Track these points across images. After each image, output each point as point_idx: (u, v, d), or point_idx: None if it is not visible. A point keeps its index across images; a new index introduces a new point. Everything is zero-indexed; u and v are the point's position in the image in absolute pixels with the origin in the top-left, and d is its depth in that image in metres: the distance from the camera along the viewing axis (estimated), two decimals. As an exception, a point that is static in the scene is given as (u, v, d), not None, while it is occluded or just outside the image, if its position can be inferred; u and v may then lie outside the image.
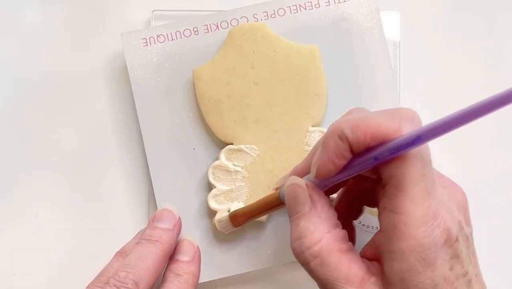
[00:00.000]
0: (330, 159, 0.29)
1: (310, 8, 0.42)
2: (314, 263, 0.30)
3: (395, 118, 0.28)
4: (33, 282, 0.43)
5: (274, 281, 0.42)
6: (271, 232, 0.41)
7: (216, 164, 0.40)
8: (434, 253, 0.28)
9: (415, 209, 0.28)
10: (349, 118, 0.29)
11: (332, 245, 0.30)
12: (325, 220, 0.31)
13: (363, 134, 0.28)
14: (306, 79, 0.41)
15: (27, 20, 0.45)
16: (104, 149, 0.44)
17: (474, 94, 0.44)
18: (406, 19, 0.44)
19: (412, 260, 0.28)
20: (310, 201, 0.31)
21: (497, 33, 0.45)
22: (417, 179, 0.28)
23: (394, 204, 0.28)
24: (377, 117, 0.28)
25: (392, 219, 0.28)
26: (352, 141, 0.28)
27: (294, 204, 0.31)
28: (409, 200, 0.28)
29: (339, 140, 0.29)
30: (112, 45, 0.44)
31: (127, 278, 0.35)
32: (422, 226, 0.28)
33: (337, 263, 0.30)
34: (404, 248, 0.28)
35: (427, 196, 0.28)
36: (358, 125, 0.28)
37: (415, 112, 0.29)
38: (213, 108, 0.41)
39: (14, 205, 0.43)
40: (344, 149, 0.29)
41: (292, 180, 0.32)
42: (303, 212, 0.31)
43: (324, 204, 0.31)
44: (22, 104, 0.44)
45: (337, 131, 0.29)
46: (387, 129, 0.27)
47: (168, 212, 0.40)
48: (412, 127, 0.28)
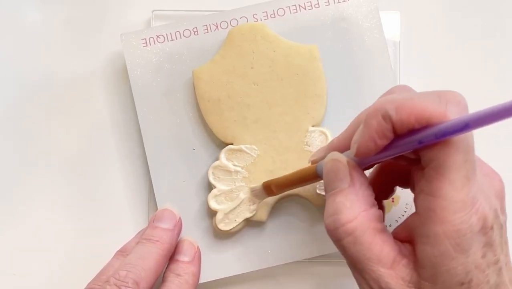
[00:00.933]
0: (371, 138, 0.28)
1: (309, 8, 0.42)
2: (347, 240, 0.30)
3: (441, 101, 0.27)
4: (33, 282, 0.43)
5: (274, 281, 0.42)
6: (271, 232, 0.41)
7: (216, 164, 0.40)
8: (470, 240, 0.27)
9: (454, 194, 0.27)
10: (394, 98, 0.28)
11: (367, 223, 0.30)
12: (362, 198, 0.30)
13: (407, 115, 0.27)
14: (306, 79, 0.41)
15: (27, 20, 0.45)
16: (104, 149, 0.44)
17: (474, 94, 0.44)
18: (406, 19, 0.44)
19: (447, 245, 0.27)
20: (350, 178, 0.30)
21: (497, 33, 0.45)
22: (459, 164, 0.27)
23: (433, 187, 0.28)
24: (422, 99, 0.28)
25: (429, 202, 0.28)
26: (395, 122, 0.27)
27: (333, 179, 0.31)
28: (449, 184, 0.27)
29: (382, 120, 0.28)
30: (112, 46, 0.44)
31: (127, 277, 0.35)
32: (460, 212, 0.27)
33: (370, 242, 0.29)
34: (439, 232, 0.27)
35: (467, 182, 0.27)
36: (403, 106, 0.27)
37: (461, 96, 0.28)
38: (213, 108, 0.41)
39: (14, 205, 0.43)
40: (387, 129, 0.28)
41: (333, 155, 0.32)
42: (341, 188, 0.30)
43: (363, 182, 0.31)
44: (22, 104, 0.44)
45: (381, 111, 0.28)
46: (433, 112, 0.27)
47: (168, 212, 0.40)
48: (458, 111, 0.27)
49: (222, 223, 0.40)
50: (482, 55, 0.45)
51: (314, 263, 0.42)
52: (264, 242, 0.41)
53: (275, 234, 0.41)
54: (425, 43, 0.45)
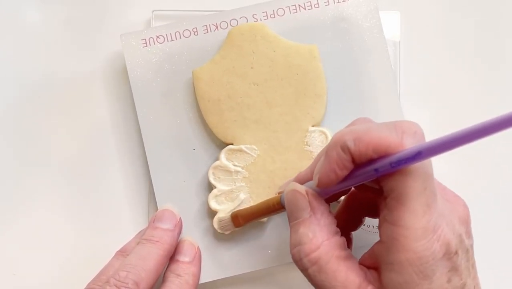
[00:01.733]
0: (331, 169, 0.29)
1: (309, 8, 0.42)
2: (312, 269, 0.30)
3: (397, 131, 0.28)
4: (33, 282, 0.43)
5: (274, 281, 0.42)
6: (271, 232, 0.41)
7: (216, 164, 0.40)
8: (433, 266, 0.28)
9: (415, 222, 0.28)
10: (352, 130, 0.29)
11: (330, 252, 0.30)
12: (324, 227, 0.31)
13: (365, 146, 0.28)
14: (306, 79, 0.41)
15: (27, 20, 0.45)
16: (104, 149, 0.44)
17: (474, 94, 0.45)
18: (406, 19, 0.44)
19: (410, 272, 0.28)
20: (310, 208, 0.31)
21: (497, 33, 0.45)
22: (418, 192, 0.28)
23: (395, 216, 0.29)
24: (379, 130, 0.28)
25: (392, 231, 0.29)
26: (354, 153, 0.28)
27: (294, 210, 0.32)
28: (410, 213, 0.28)
29: (341, 151, 0.29)
30: (112, 46, 0.44)
31: (127, 278, 0.35)
32: (422, 239, 0.28)
33: (334, 270, 0.30)
34: (402, 260, 0.28)
35: (428, 210, 0.28)
36: (361, 137, 0.28)
37: (418, 125, 0.29)
38: (213, 108, 0.41)
39: (14, 204, 0.43)
40: (346, 159, 0.29)
41: (292, 186, 0.32)
42: (303, 218, 0.31)
43: (324, 211, 0.31)
44: (22, 104, 0.44)
45: (340, 142, 0.29)
46: (389, 142, 0.28)
47: (169, 212, 0.40)
48: (414, 141, 0.28)
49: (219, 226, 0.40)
50: (482, 55, 0.45)
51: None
52: (264, 242, 0.41)
53: (275, 234, 0.41)
54: (425, 43, 0.45)
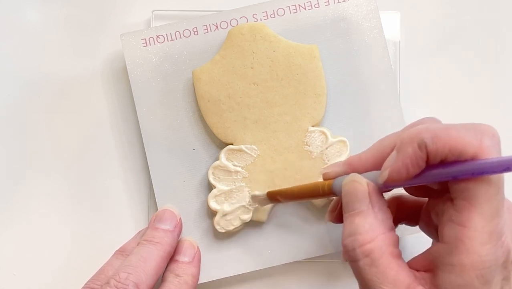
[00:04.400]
0: (404, 165, 0.29)
1: (309, 8, 0.42)
2: (363, 261, 0.30)
3: (476, 133, 0.28)
4: (33, 282, 0.43)
5: (274, 281, 0.42)
6: (271, 232, 0.41)
7: (216, 164, 0.40)
8: (493, 272, 0.28)
9: (484, 225, 0.28)
10: (430, 128, 0.29)
11: (384, 247, 0.30)
12: (381, 221, 0.30)
13: (443, 145, 0.27)
14: (306, 79, 0.41)
15: (27, 20, 0.45)
16: (104, 149, 0.44)
17: (474, 94, 0.45)
18: (406, 19, 0.44)
19: (472, 275, 0.28)
20: (369, 200, 0.31)
21: (497, 33, 0.45)
22: (491, 196, 0.28)
23: (464, 217, 0.28)
24: (458, 130, 0.28)
25: (457, 232, 0.28)
26: (430, 152, 0.28)
27: (352, 200, 0.31)
28: (480, 215, 0.28)
29: (418, 148, 0.28)
30: (112, 46, 0.44)
31: (127, 279, 0.35)
32: (488, 243, 0.28)
33: (386, 266, 0.29)
34: (466, 262, 0.28)
35: (497, 215, 0.28)
36: (440, 135, 0.28)
37: (494, 129, 0.28)
38: (213, 108, 0.41)
39: (14, 204, 0.43)
40: (421, 157, 0.28)
41: (353, 176, 0.32)
42: (360, 209, 0.31)
43: (382, 205, 0.31)
44: (21, 104, 0.44)
45: (417, 139, 0.28)
46: (468, 144, 0.27)
47: (169, 213, 0.40)
48: (492, 144, 0.27)
49: (219, 226, 0.40)
50: (482, 55, 0.45)
51: (314, 263, 0.42)
52: (264, 242, 0.41)
53: (275, 234, 0.41)
54: (425, 43, 0.45)
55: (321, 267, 0.42)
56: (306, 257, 0.41)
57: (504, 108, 0.44)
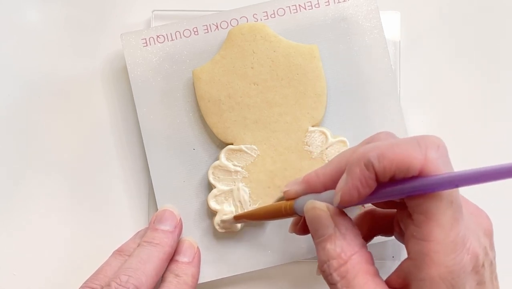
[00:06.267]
0: (354, 187, 0.29)
1: (310, 8, 0.42)
2: (340, 284, 0.30)
3: (421, 147, 0.28)
4: (33, 282, 0.43)
5: (274, 281, 0.42)
6: (271, 232, 0.41)
7: (216, 164, 0.40)
8: (463, 280, 0.28)
9: (444, 236, 0.28)
10: (375, 146, 0.29)
11: (358, 266, 0.30)
12: (350, 241, 0.30)
13: (389, 163, 0.28)
14: (306, 79, 0.41)
15: (27, 20, 0.45)
16: (104, 149, 0.44)
17: (474, 95, 0.45)
18: (406, 19, 0.44)
19: (442, 287, 0.28)
20: (334, 224, 0.31)
21: (497, 33, 0.45)
22: (445, 206, 0.28)
23: (423, 231, 0.28)
24: (403, 145, 0.28)
25: (421, 246, 0.28)
26: (378, 170, 0.28)
27: (317, 228, 0.31)
28: (438, 227, 0.28)
29: (365, 168, 0.28)
30: (112, 46, 0.44)
31: (128, 282, 0.35)
32: (452, 253, 0.28)
33: (362, 284, 0.29)
34: (434, 275, 0.28)
35: (456, 223, 0.28)
36: (385, 153, 0.28)
37: (440, 139, 0.29)
38: (213, 108, 0.41)
39: (14, 204, 0.43)
40: (369, 177, 0.28)
41: (312, 203, 0.32)
42: (328, 234, 0.31)
43: (348, 225, 0.31)
44: (21, 104, 0.44)
45: (363, 159, 0.28)
46: (413, 158, 0.27)
47: (169, 213, 0.40)
48: (437, 155, 0.28)
49: (219, 226, 0.40)
50: (482, 55, 0.45)
51: (314, 263, 0.42)
52: (264, 242, 0.41)
53: (275, 234, 0.41)
54: (425, 43, 0.45)
55: (321, 267, 0.42)
56: (305, 257, 0.41)
57: (504, 108, 0.44)
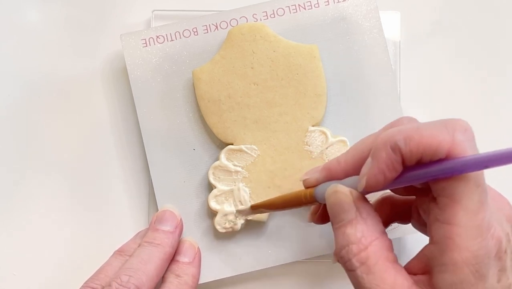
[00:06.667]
0: (380, 171, 0.28)
1: (309, 8, 0.42)
2: (360, 270, 0.29)
3: (448, 129, 0.27)
4: (33, 282, 0.43)
5: (273, 281, 0.42)
6: (271, 232, 0.41)
7: (216, 164, 0.40)
8: (488, 265, 0.28)
9: (470, 220, 0.27)
10: (401, 130, 0.28)
11: (379, 252, 0.29)
12: (371, 226, 0.30)
13: (416, 146, 0.27)
14: (306, 79, 0.41)
15: (27, 20, 0.45)
16: (104, 149, 0.44)
17: (474, 94, 0.45)
18: (406, 19, 0.44)
19: (466, 272, 0.27)
20: (355, 208, 0.30)
21: (497, 33, 0.45)
22: (471, 190, 0.27)
23: (448, 215, 0.28)
24: (430, 128, 0.28)
25: (445, 230, 0.28)
26: (405, 154, 0.27)
27: (338, 211, 0.31)
28: (463, 210, 0.27)
29: (392, 152, 0.28)
30: (112, 46, 0.44)
31: (129, 282, 0.35)
32: (477, 237, 0.27)
33: (383, 271, 0.29)
34: (458, 259, 0.27)
35: (481, 207, 0.27)
36: (412, 136, 0.27)
37: (467, 123, 0.28)
38: (213, 108, 0.41)
39: (14, 204, 0.43)
40: (396, 161, 0.28)
41: (335, 187, 0.31)
42: (349, 219, 0.30)
43: (369, 210, 0.30)
44: (21, 104, 0.44)
45: (390, 142, 0.28)
46: (441, 141, 0.27)
47: (170, 214, 0.40)
48: (465, 138, 0.27)
49: (219, 226, 0.40)
50: (482, 55, 0.45)
51: (314, 263, 0.42)
52: (264, 242, 0.41)
53: (275, 234, 0.41)
54: (425, 43, 0.45)
55: (321, 267, 0.42)
56: (305, 257, 0.41)
57: (505, 108, 0.44)
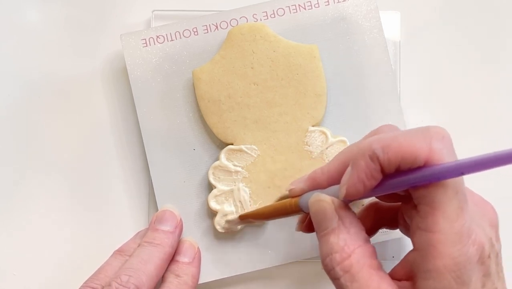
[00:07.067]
0: (360, 180, 0.29)
1: (309, 8, 0.42)
2: (344, 278, 0.30)
3: (425, 137, 0.28)
4: (33, 282, 0.43)
5: (274, 281, 0.42)
6: (271, 232, 0.41)
7: (216, 164, 0.40)
8: (470, 271, 0.28)
9: (450, 226, 0.27)
10: (380, 138, 0.29)
11: (362, 260, 0.30)
12: (354, 234, 0.30)
13: (394, 154, 0.27)
14: (306, 79, 0.41)
15: (27, 20, 0.45)
16: (104, 149, 0.44)
17: (474, 95, 0.45)
18: (406, 19, 0.44)
19: (448, 278, 0.28)
20: (338, 217, 0.30)
21: (497, 33, 0.45)
22: (450, 196, 0.28)
23: (428, 222, 0.28)
24: (407, 136, 0.28)
25: (426, 237, 0.28)
26: (383, 162, 0.28)
27: (321, 220, 0.31)
28: (443, 218, 0.28)
29: (370, 160, 0.28)
30: (112, 46, 0.44)
31: (129, 282, 0.35)
32: (458, 244, 0.27)
33: (367, 279, 0.29)
34: (440, 266, 0.28)
35: (461, 213, 0.28)
36: (389, 145, 0.28)
37: (445, 130, 0.28)
38: (213, 108, 0.41)
39: (14, 204, 0.43)
40: (374, 169, 0.28)
41: (317, 196, 0.31)
42: (332, 227, 0.30)
43: (352, 218, 0.31)
44: (21, 104, 0.44)
45: (368, 151, 0.28)
46: (418, 149, 0.27)
47: (169, 214, 0.40)
48: (442, 146, 0.27)
49: (219, 226, 0.40)
50: (482, 55, 0.45)
51: (314, 263, 0.42)
52: (264, 242, 0.41)
53: (275, 234, 0.41)
54: (425, 43, 0.45)
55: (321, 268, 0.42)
56: (306, 257, 0.41)
57: (505, 108, 0.44)
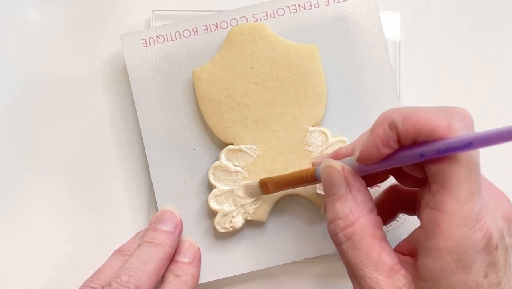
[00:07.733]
0: (375, 145, 0.29)
1: (309, 8, 0.42)
2: (346, 245, 0.30)
3: (446, 115, 0.28)
4: (33, 282, 0.43)
5: (274, 281, 0.42)
6: (271, 232, 0.41)
7: (216, 164, 0.40)
8: (472, 256, 0.28)
9: (458, 208, 0.27)
10: (401, 109, 0.29)
11: (365, 229, 0.30)
12: (360, 203, 0.31)
13: (412, 126, 0.28)
14: (306, 79, 0.41)
15: (27, 20, 0.45)
16: (104, 149, 0.44)
17: (474, 94, 0.45)
18: (406, 19, 0.44)
19: (448, 260, 0.28)
20: (346, 184, 0.31)
21: (497, 33, 0.45)
22: (462, 178, 0.28)
23: (437, 201, 0.28)
24: (429, 111, 0.28)
25: (433, 216, 0.28)
26: (401, 132, 0.28)
27: (329, 186, 0.31)
28: (453, 198, 0.28)
29: (388, 128, 0.28)
30: (112, 46, 0.44)
31: (129, 282, 0.35)
32: (463, 227, 0.27)
33: (368, 248, 0.30)
34: (442, 246, 0.28)
35: (471, 197, 0.28)
36: (409, 117, 0.28)
37: (467, 112, 0.28)
38: (213, 108, 0.41)
39: (14, 204, 0.43)
40: (391, 138, 0.28)
41: (327, 162, 0.32)
42: (339, 194, 0.31)
43: (360, 187, 0.31)
44: (21, 104, 0.44)
45: (388, 120, 0.29)
46: (437, 125, 0.27)
47: (169, 214, 0.40)
48: (463, 126, 0.28)
49: (219, 226, 0.40)
50: (482, 55, 0.45)
51: (314, 263, 0.42)
52: (264, 242, 0.41)
53: (275, 234, 0.41)
54: (425, 43, 0.45)
55: (321, 267, 0.42)
56: (306, 257, 0.41)
57: (505, 108, 0.44)
